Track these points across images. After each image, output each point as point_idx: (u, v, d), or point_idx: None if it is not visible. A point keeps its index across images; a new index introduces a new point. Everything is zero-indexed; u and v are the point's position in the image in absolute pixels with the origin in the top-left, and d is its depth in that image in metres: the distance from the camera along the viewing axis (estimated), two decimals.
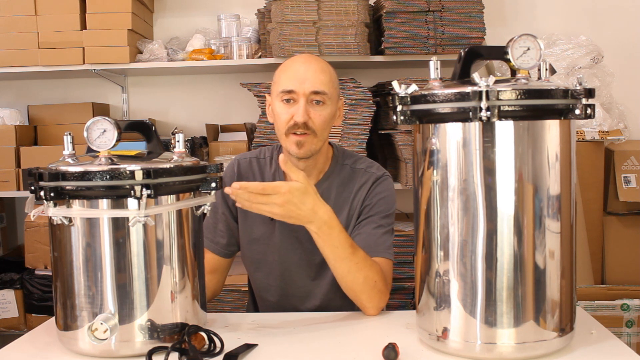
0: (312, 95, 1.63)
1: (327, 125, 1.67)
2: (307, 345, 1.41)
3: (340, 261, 1.55)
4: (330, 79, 1.67)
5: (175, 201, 1.36)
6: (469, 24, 2.83)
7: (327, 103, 1.65)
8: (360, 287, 1.57)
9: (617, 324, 2.63)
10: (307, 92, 1.63)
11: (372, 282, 1.57)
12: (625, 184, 2.82)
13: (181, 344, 1.31)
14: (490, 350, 1.25)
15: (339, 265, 1.56)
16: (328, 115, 1.66)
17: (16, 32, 2.91)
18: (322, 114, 1.64)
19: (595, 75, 2.96)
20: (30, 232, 2.86)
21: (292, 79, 1.64)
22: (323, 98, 1.64)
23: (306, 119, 1.62)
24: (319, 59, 1.71)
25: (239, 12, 3.13)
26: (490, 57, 1.48)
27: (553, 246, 1.26)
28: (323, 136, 1.67)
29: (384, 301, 1.62)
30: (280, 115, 1.66)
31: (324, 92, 1.64)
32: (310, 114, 1.63)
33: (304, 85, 1.63)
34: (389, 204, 1.73)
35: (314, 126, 1.64)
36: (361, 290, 1.57)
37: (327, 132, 1.69)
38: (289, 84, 1.64)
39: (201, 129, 3.16)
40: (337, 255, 1.54)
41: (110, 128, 1.32)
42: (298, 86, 1.63)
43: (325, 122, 1.65)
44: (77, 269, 1.31)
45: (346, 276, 1.57)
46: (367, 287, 1.57)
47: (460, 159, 1.24)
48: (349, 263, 1.55)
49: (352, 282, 1.57)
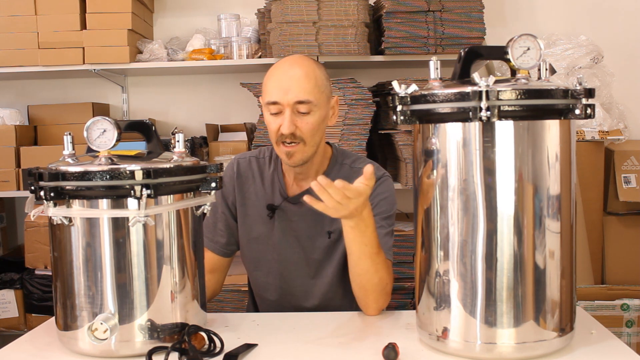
0: (297, 105, 1.61)
1: (317, 131, 1.66)
2: (307, 345, 1.41)
3: (365, 259, 1.55)
4: (316, 84, 1.63)
5: (175, 201, 1.36)
6: (468, 24, 2.82)
7: (314, 110, 1.63)
8: (373, 287, 1.58)
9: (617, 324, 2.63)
10: (292, 103, 1.61)
11: (384, 284, 1.59)
12: (625, 184, 2.82)
13: (181, 344, 1.31)
14: (490, 350, 1.25)
15: (362, 262, 1.56)
16: (316, 121, 1.64)
17: (16, 32, 2.91)
18: (309, 122, 1.63)
19: (595, 75, 2.96)
20: (30, 232, 2.86)
21: (276, 89, 1.62)
22: (309, 107, 1.62)
23: (293, 129, 1.61)
24: (304, 62, 1.67)
25: (239, 12, 3.13)
26: (490, 57, 1.48)
27: (553, 246, 1.26)
28: (314, 141, 1.66)
29: (387, 303, 1.63)
30: (269, 124, 1.66)
31: (308, 101, 1.61)
32: (297, 123, 1.62)
33: (287, 97, 1.61)
34: (389, 204, 1.73)
35: (302, 135, 1.63)
36: (372, 290, 1.58)
37: (319, 136, 1.68)
38: (273, 95, 1.63)
39: (201, 129, 3.16)
40: (364, 253, 1.54)
41: (110, 128, 1.32)
42: (282, 97, 1.61)
43: (314, 129, 1.64)
44: (77, 269, 1.31)
45: (364, 275, 1.57)
46: (379, 289, 1.58)
47: (460, 159, 1.24)
48: (371, 262, 1.55)
49: (368, 281, 1.57)
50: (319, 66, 1.69)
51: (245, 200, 1.78)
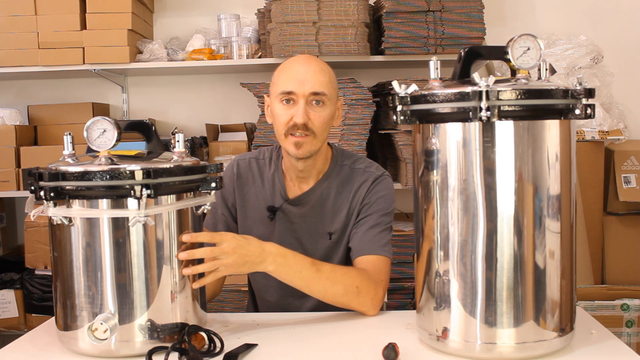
0: (311, 96, 1.63)
1: (327, 126, 1.67)
2: (307, 345, 1.41)
3: (312, 283, 1.53)
4: (330, 79, 1.67)
5: (175, 201, 1.36)
6: (469, 24, 2.83)
7: (327, 104, 1.65)
8: (345, 297, 1.56)
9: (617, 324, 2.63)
10: (307, 93, 1.63)
11: (354, 288, 1.56)
12: (625, 184, 2.82)
13: (181, 344, 1.31)
14: (490, 350, 1.25)
15: (313, 287, 1.54)
16: (327, 115, 1.66)
17: (16, 32, 2.92)
18: (321, 114, 1.64)
19: (595, 75, 2.96)
20: (30, 232, 2.86)
21: (292, 80, 1.64)
22: (322, 99, 1.64)
23: (306, 120, 1.62)
24: (317, 59, 1.71)
25: (239, 12, 3.14)
26: (490, 57, 1.48)
27: (553, 246, 1.26)
28: (322, 137, 1.67)
29: (378, 299, 1.60)
30: (280, 116, 1.66)
31: (323, 93, 1.63)
32: (309, 114, 1.63)
33: (303, 87, 1.62)
34: (387, 202, 1.73)
35: (314, 127, 1.64)
36: (348, 300, 1.56)
37: (327, 132, 1.69)
38: (288, 85, 1.64)
39: (201, 129, 3.16)
40: (305, 279, 1.53)
41: (110, 128, 1.32)
42: (297, 87, 1.63)
43: (325, 122, 1.65)
44: (77, 269, 1.31)
45: (325, 294, 1.55)
46: (352, 295, 1.56)
47: (460, 159, 1.24)
48: (320, 281, 1.53)
49: (334, 296, 1.56)
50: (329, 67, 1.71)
51: (245, 201, 1.78)
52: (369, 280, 1.59)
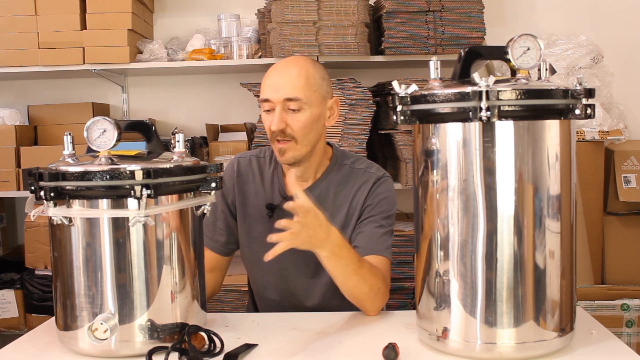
0: (286, 103, 1.62)
1: (310, 129, 1.65)
2: (307, 345, 1.41)
3: (349, 277, 1.55)
4: (307, 82, 1.63)
5: (175, 201, 1.36)
6: (469, 24, 2.83)
7: (305, 108, 1.63)
8: (365, 295, 1.58)
9: (617, 324, 2.63)
10: (281, 100, 1.62)
11: (376, 288, 1.58)
12: (625, 184, 2.82)
13: (181, 344, 1.31)
14: (490, 350, 1.25)
15: (348, 281, 1.56)
16: (307, 120, 1.64)
17: (16, 32, 2.91)
18: (299, 119, 1.63)
19: (595, 75, 2.96)
20: (30, 232, 2.86)
21: (268, 86, 1.65)
22: (298, 104, 1.62)
23: (282, 126, 1.62)
24: (300, 62, 1.68)
25: (239, 12, 3.13)
26: (490, 57, 1.48)
27: (553, 246, 1.26)
28: (307, 140, 1.66)
29: (385, 302, 1.63)
30: (264, 122, 1.68)
31: (297, 98, 1.62)
32: (287, 120, 1.62)
33: (277, 93, 1.62)
34: (390, 204, 1.74)
35: (293, 132, 1.63)
36: (365, 298, 1.58)
37: (313, 135, 1.67)
38: (265, 92, 1.65)
39: (201, 129, 3.16)
40: (346, 273, 1.54)
41: (110, 128, 1.32)
42: (272, 94, 1.63)
43: (305, 127, 1.64)
44: (77, 269, 1.31)
45: (352, 289, 1.57)
46: (372, 295, 1.58)
47: (460, 159, 1.24)
48: (357, 277, 1.55)
49: (359, 293, 1.58)
50: (316, 66, 1.69)
51: (245, 199, 1.78)
52: (385, 284, 1.62)
